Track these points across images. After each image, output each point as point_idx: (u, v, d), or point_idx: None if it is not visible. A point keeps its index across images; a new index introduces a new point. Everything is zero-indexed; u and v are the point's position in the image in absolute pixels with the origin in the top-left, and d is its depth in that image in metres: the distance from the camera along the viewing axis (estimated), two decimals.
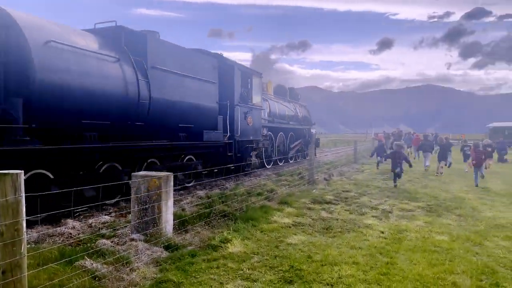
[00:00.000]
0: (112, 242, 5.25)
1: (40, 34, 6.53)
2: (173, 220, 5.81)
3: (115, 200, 8.12)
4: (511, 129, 43.78)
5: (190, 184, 10.79)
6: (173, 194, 5.81)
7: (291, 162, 19.53)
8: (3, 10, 6.35)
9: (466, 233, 6.31)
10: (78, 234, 5.77)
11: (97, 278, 3.97)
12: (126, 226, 6.04)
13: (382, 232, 6.29)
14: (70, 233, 5.79)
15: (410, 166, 12.49)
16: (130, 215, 5.76)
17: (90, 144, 7.33)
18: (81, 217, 7.01)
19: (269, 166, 16.62)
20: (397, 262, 4.85)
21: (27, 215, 6.34)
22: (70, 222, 6.34)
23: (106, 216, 6.92)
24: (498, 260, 5.06)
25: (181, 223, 6.13)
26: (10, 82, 6.20)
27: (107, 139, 7.79)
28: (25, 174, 5.82)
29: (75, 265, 4.18)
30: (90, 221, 6.57)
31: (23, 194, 2.92)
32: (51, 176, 6.67)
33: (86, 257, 4.38)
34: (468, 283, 4.22)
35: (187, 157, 10.72)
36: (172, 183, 5.66)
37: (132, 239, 5.21)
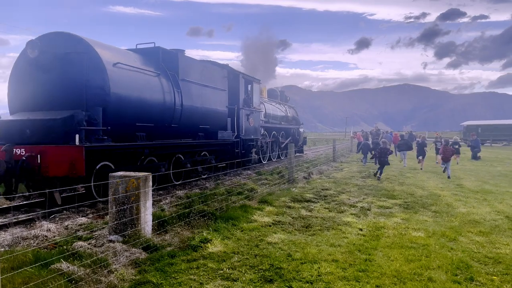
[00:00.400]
0: (89, 244, 5.15)
1: (110, 57, 8.47)
2: (152, 221, 5.73)
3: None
4: (485, 127, 45.12)
5: (204, 176, 12.43)
6: (152, 194, 5.75)
7: (282, 158, 20.89)
8: (82, 39, 8.24)
9: (442, 229, 6.46)
10: (54, 237, 5.65)
11: (73, 281, 3.89)
12: (103, 227, 5.94)
13: (361, 230, 6.38)
14: (46, 236, 5.65)
15: (392, 153, 15.44)
16: (107, 216, 5.67)
17: (141, 142, 9.16)
18: (57, 219, 6.86)
19: (265, 162, 18.20)
20: (375, 258, 4.93)
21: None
22: (45, 224, 6.19)
23: (83, 218, 6.79)
24: (472, 255, 5.21)
25: (160, 224, 6.06)
26: (92, 95, 8.01)
27: (151, 138, 9.63)
28: (97, 165, 8.05)
29: (51, 268, 4.08)
30: (66, 223, 6.43)
31: None
32: (113, 167, 8.35)
33: (62, 260, 4.28)
34: (443, 278, 4.33)
35: (202, 153, 12.58)
36: (150, 184, 5.60)
37: (110, 241, 5.12)
